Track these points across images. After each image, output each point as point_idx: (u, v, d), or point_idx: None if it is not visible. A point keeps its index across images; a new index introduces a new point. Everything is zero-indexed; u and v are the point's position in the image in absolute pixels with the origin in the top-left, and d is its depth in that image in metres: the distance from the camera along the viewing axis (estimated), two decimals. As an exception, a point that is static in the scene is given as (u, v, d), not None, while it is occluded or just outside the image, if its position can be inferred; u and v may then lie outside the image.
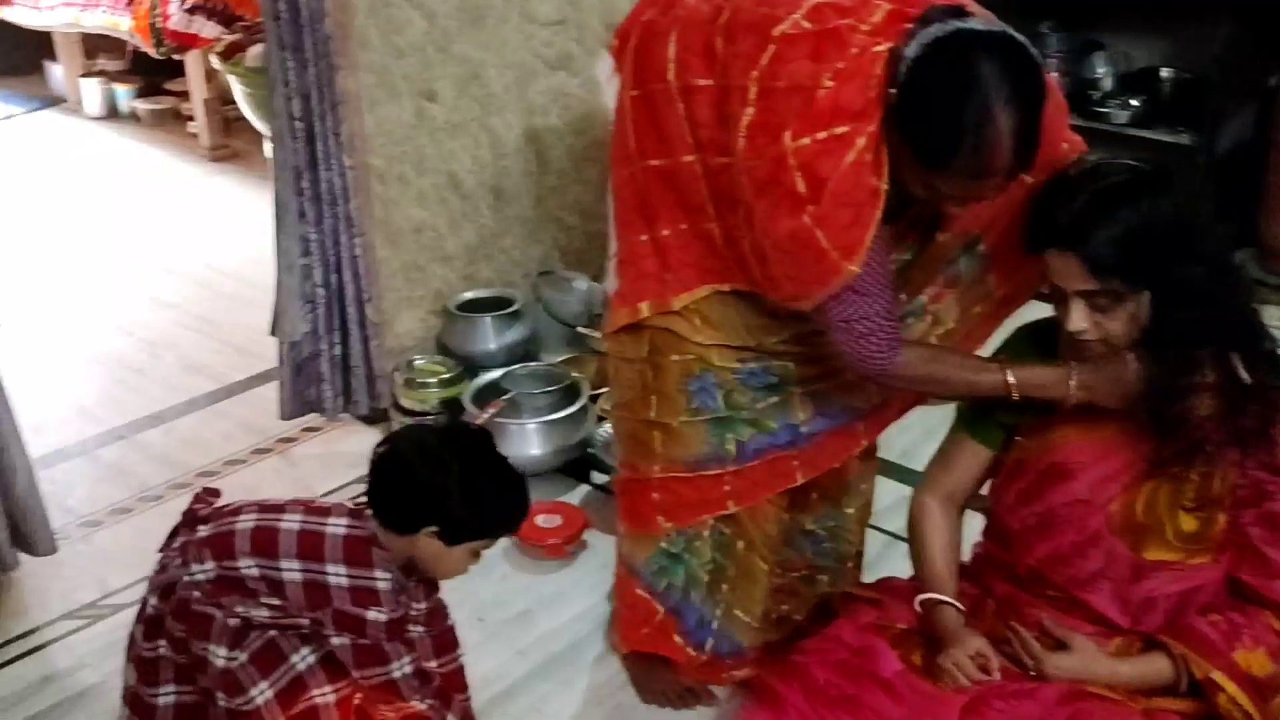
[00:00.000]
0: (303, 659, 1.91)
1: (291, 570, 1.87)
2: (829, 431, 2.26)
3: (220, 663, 1.89)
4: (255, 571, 1.87)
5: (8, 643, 2.57)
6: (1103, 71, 4.21)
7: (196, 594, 1.91)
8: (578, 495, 3.01)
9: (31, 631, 2.60)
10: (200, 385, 3.55)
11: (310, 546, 1.87)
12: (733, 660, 2.37)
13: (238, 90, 3.93)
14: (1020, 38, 1.84)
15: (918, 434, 2.20)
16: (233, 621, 1.89)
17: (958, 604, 2.08)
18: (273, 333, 3.17)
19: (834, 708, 1.99)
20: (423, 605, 1.99)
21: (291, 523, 1.89)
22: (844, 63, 1.82)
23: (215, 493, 2.05)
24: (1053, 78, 1.98)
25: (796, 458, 2.26)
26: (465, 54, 3.26)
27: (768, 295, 2.07)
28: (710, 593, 2.32)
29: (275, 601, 1.88)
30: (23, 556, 2.65)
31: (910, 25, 1.83)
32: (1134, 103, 4.06)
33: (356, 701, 1.91)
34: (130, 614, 2.61)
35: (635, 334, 2.20)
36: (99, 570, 2.79)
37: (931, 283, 2.17)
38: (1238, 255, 3.57)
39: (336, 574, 1.86)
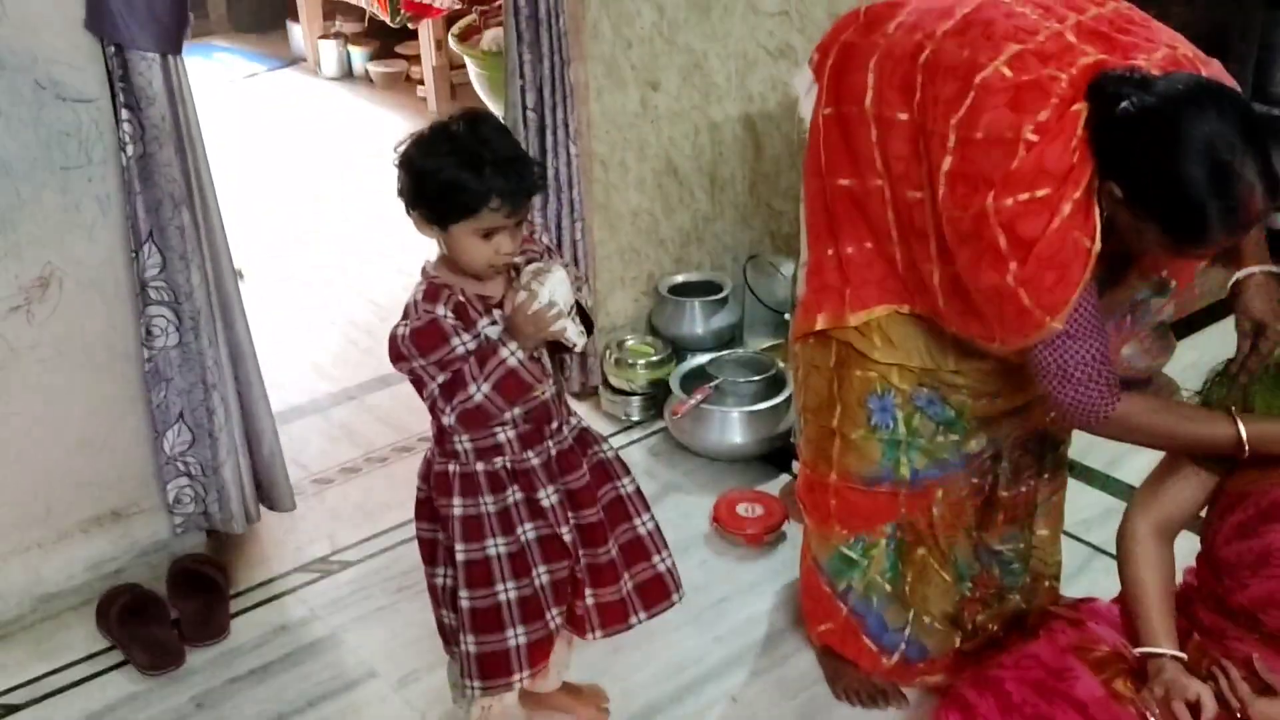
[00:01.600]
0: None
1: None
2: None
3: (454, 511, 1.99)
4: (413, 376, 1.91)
5: (249, 590, 2.76)
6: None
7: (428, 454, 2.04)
8: (778, 485, 3.05)
9: (269, 581, 2.80)
10: (423, 350, 3.70)
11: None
12: (925, 664, 2.39)
13: (472, 71, 4.05)
14: (1208, 76, 1.78)
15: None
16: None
17: (1182, 655, 2.03)
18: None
19: (1027, 726, 2.00)
20: (487, 321, 1.89)
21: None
22: (1046, 113, 1.80)
23: None
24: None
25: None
26: (690, 44, 3.30)
27: (949, 327, 2.07)
28: (895, 599, 2.35)
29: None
30: (263, 510, 2.83)
31: (1111, 81, 1.78)
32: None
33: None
34: (357, 571, 2.80)
35: (824, 342, 2.23)
36: (330, 526, 2.97)
37: (1110, 316, 2.12)
38: None
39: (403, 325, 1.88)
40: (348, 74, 6.39)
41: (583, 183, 3.16)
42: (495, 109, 3.95)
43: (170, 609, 2.64)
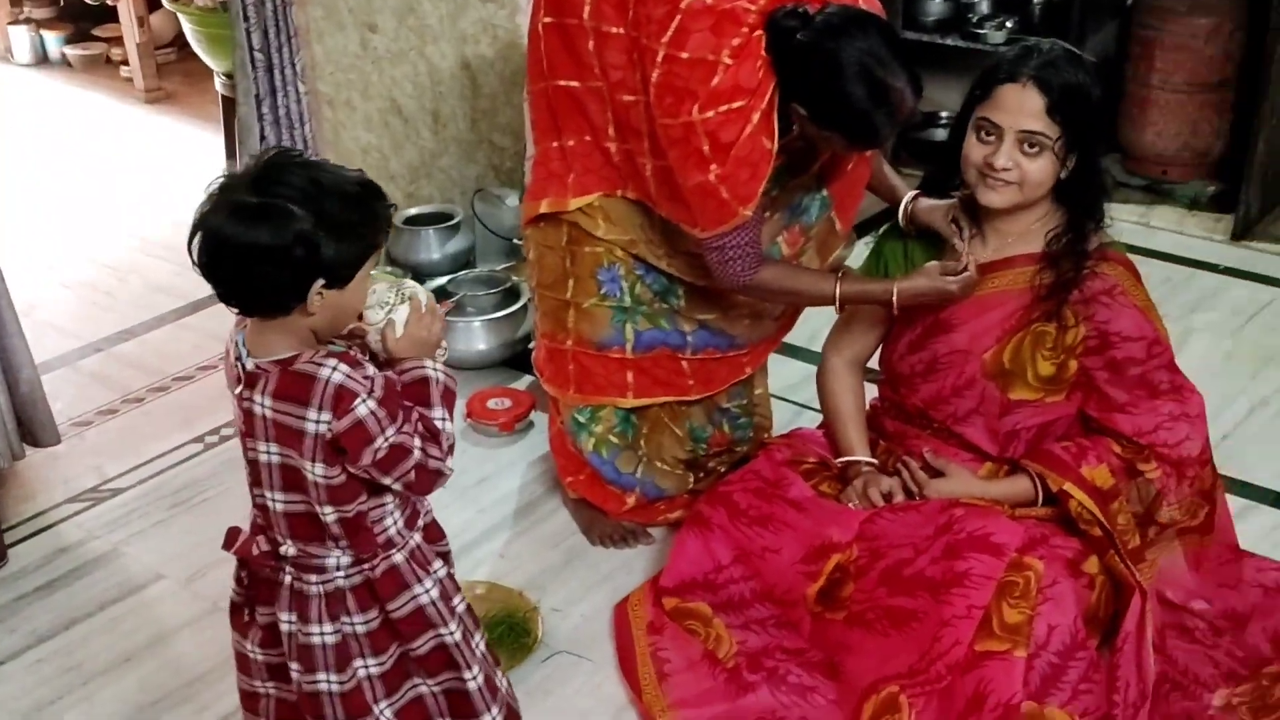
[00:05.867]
0: None
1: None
2: (716, 357, 2.64)
3: None
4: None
5: (21, 523, 2.85)
6: (980, -4, 4.60)
7: None
8: (523, 384, 3.33)
9: (40, 514, 2.89)
10: (167, 303, 3.80)
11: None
12: (664, 504, 2.73)
13: (189, 30, 4.14)
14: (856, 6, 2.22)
15: (820, 321, 2.57)
16: None
17: (874, 460, 2.46)
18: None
19: (753, 525, 2.37)
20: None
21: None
22: (738, 39, 2.18)
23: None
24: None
25: (691, 376, 2.63)
26: (403, -13, 3.54)
27: (660, 211, 2.42)
28: (627, 449, 2.67)
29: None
30: (28, 450, 2.91)
31: (781, 17, 2.18)
32: (1008, 23, 4.44)
33: None
34: (129, 496, 2.92)
35: (555, 225, 2.53)
36: (95, 460, 3.08)
37: (788, 229, 2.54)
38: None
39: (315, 420, 1.61)
40: (43, 60, 6.23)
41: (313, 121, 3.35)
42: (215, 66, 4.07)
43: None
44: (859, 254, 2.68)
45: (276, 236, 1.53)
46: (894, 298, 2.32)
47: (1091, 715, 2.07)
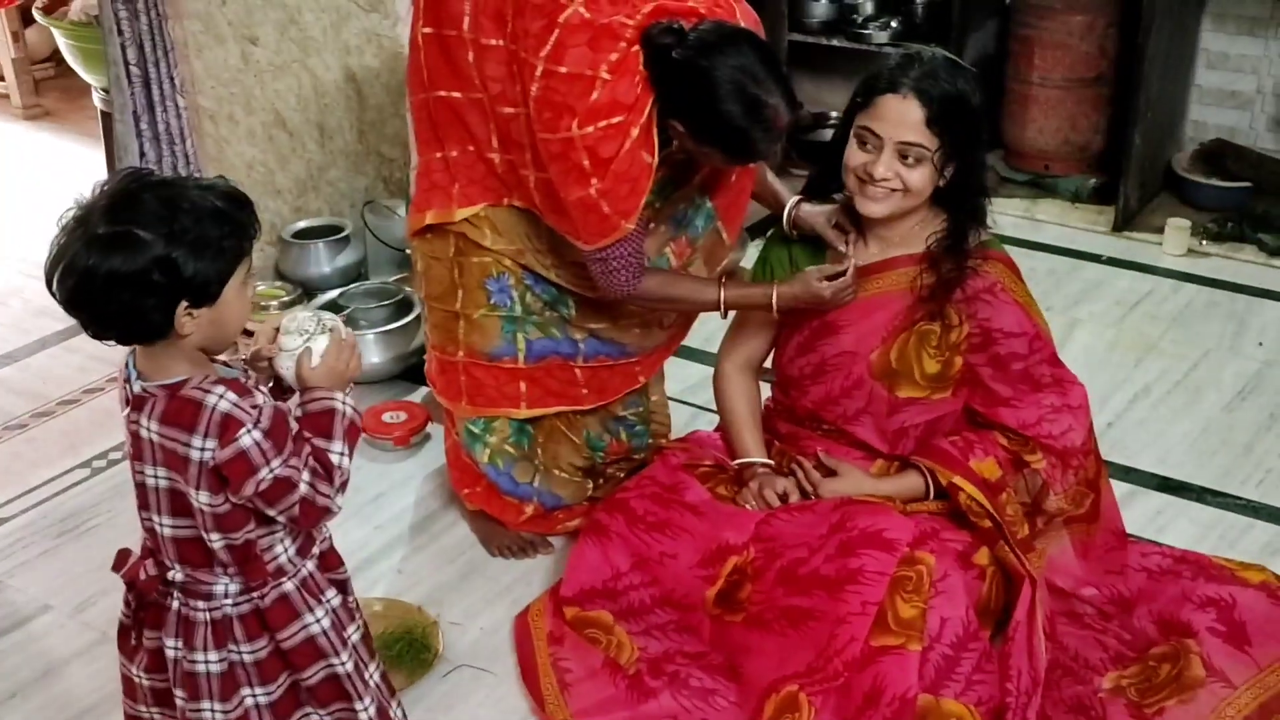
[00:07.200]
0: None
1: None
2: (609, 365, 2.64)
3: None
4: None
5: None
6: (862, -2, 4.68)
7: None
8: (418, 397, 3.31)
9: (-80, 545, 2.80)
10: (50, 325, 3.70)
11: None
12: (563, 512, 2.73)
13: (64, 44, 4.04)
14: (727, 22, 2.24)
15: (718, 324, 2.59)
16: None
17: (769, 462, 2.49)
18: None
19: (650, 531, 2.39)
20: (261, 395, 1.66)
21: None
22: (616, 54, 2.18)
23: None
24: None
25: (584, 385, 2.63)
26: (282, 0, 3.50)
27: (546, 221, 2.42)
28: (522, 459, 2.66)
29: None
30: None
31: (656, 34, 2.18)
32: (892, 24, 4.51)
33: None
34: (14, 525, 2.85)
35: (442, 236, 2.52)
36: (-23, 489, 2.99)
37: (674, 240, 2.56)
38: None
39: (200, 447, 1.59)
40: (-87, 78, 6.06)
41: (194, 137, 3.30)
42: (91, 80, 3.97)
43: None
44: (753, 255, 2.71)
45: (131, 264, 1.51)
46: (774, 301, 2.35)
47: (986, 705, 2.12)
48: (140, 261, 1.51)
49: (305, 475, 1.62)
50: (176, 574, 1.69)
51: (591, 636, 2.39)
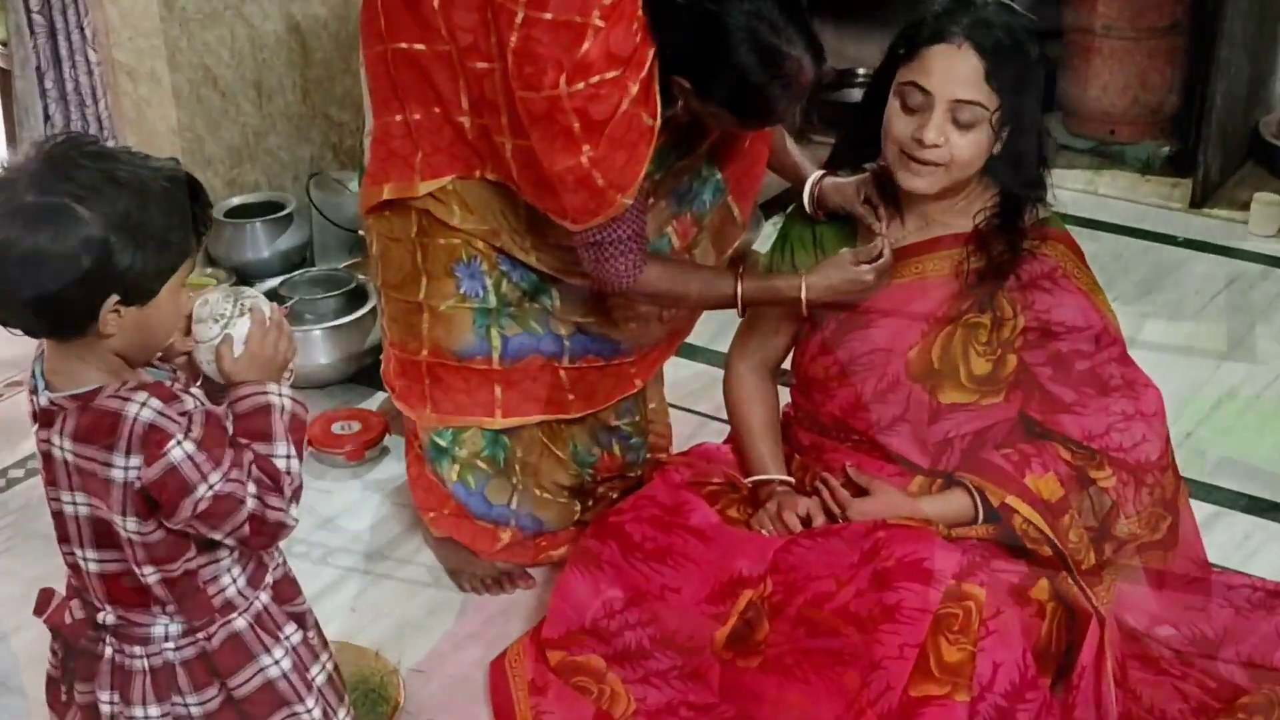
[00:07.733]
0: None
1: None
2: (599, 366, 2.63)
3: None
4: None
5: None
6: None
7: None
8: (374, 404, 3.30)
9: None
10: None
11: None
12: (545, 539, 2.72)
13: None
14: None
15: (724, 316, 2.57)
16: None
17: (789, 479, 2.47)
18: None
19: (649, 561, 2.38)
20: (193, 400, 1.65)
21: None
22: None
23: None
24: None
25: (571, 390, 2.62)
26: (213, -65, 3.49)
27: (524, 197, 2.40)
28: (497, 475, 2.65)
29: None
30: None
31: None
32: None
33: None
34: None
35: (403, 213, 2.50)
36: None
37: (677, 218, 2.55)
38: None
39: (123, 466, 1.57)
40: None
41: (108, 97, 3.29)
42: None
43: None
44: (767, 235, 2.70)
45: (60, 243, 1.48)
46: (803, 294, 2.34)
47: (1045, 766, 2.11)
48: (70, 242, 1.48)
49: (251, 488, 1.60)
50: (108, 616, 1.69)
51: (580, 685, 2.38)
